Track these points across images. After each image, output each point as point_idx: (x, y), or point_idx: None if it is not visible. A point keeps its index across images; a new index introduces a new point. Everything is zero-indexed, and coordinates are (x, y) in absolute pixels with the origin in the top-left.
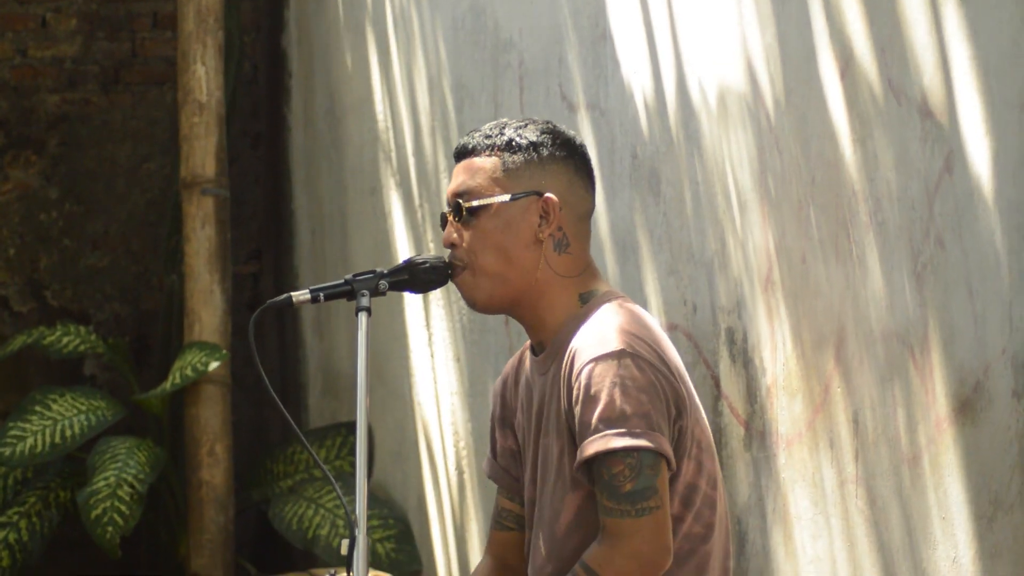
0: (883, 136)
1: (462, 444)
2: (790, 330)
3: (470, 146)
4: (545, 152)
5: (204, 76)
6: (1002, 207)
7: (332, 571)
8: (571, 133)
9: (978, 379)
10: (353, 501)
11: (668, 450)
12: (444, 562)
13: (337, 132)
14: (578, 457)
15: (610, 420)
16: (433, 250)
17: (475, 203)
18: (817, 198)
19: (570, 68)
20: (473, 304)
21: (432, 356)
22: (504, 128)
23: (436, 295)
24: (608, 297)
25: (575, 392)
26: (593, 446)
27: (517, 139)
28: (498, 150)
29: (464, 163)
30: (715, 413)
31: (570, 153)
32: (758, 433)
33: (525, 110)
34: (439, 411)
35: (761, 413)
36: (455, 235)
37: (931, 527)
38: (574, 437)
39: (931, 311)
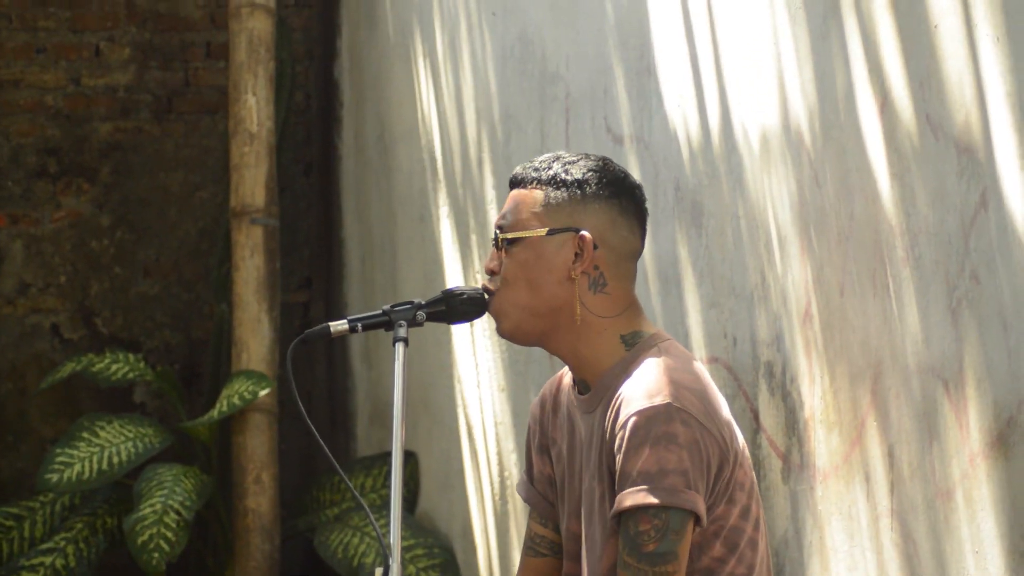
0: (920, 171)
1: (507, 475)
2: (827, 364)
3: (520, 177)
4: (589, 190)
5: (255, 106)
6: None
7: None
8: (623, 172)
9: (1012, 414)
10: (388, 530)
11: (701, 508)
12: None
13: (387, 160)
14: (615, 507)
15: (648, 475)
16: (479, 280)
17: (512, 235)
18: (855, 233)
19: (615, 100)
20: (501, 332)
21: (479, 386)
22: (554, 162)
23: (482, 325)
24: (655, 340)
25: (618, 441)
26: (629, 499)
27: (563, 174)
28: (543, 184)
29: (513, 192)
30: (754, 446)
31: (616, 192)
32: (796, 466)
33: (571, 141)
34: (485, 441)
35: (799, 446)
36: (495, 263)
37: (964, 562)
38: (613, 484)
39: (966, 346)
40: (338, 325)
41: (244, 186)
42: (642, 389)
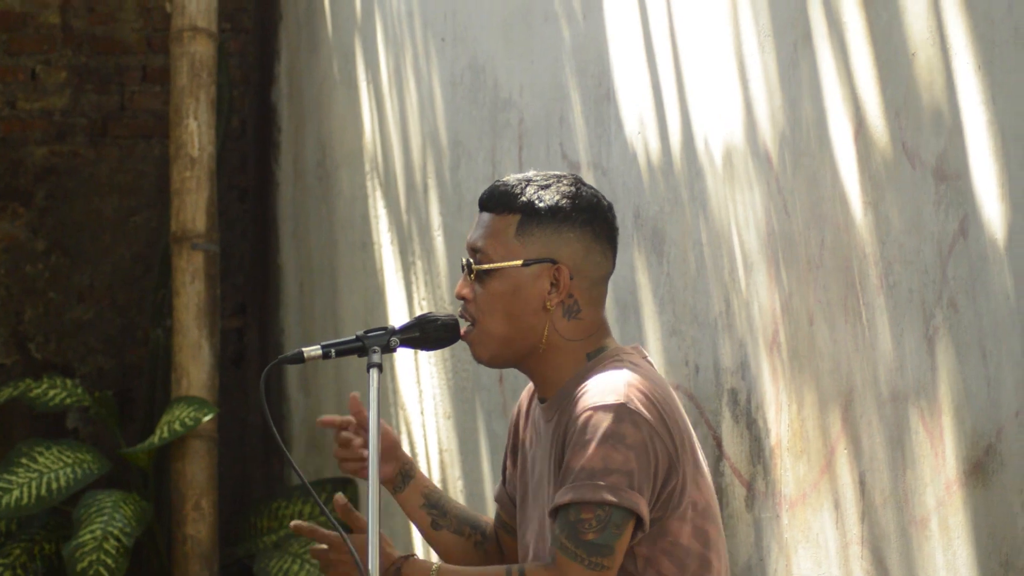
0: (896, 199)
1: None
2: (795, 391)
3: (491, 200)
4: (563, 216)
5: (196, 131)
6: (1017, 270)
7: None
8: (595, 194)
9: (991, 442)
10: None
11: (644, 511)
12: None
13: (328, 186)
14: (555, 500)
15: (593, 471)
16: (425, 308)
17: (487, 266)
18: (826, 260)
19: (572, 127)
20: (479, 359)
21: (422, 413)
22: (527, 187)
23: (429, 352)
24: (618, 352)
25: (570, 436)
26: (571, 494)
27: (536, 202)
28: (516, 211)
29: (484, 217)
30: (717, 473)
31: (591, 217)
32: (761, 494)
33: (524, 168)
34: (429, 468)
35: (764, 474)
36: (467, 290)
37: None
38: None
39: (943, 373)
40: (311, 351)
41: (185, 211)
42: (598, 389)
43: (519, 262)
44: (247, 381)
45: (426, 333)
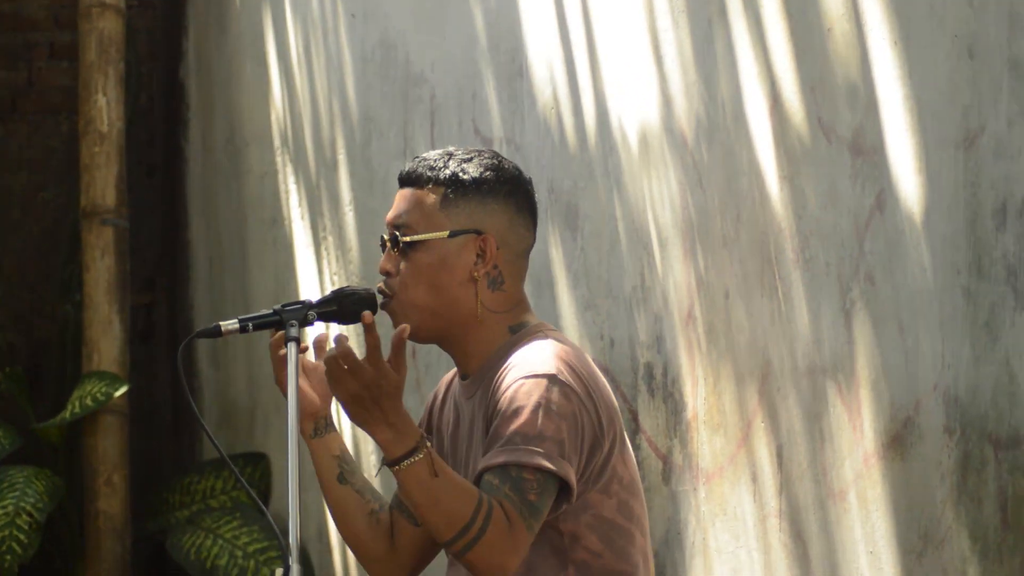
0: (812, 174)
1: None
2: (711, 365)
3: (413, 175)
4: (487, 188)
5: (105, 106)
6: (934, 244)
7: None
8: (516, 168)
9: (908, 414)
10: (285, 532)
11: (572, 480)
12: None
13: (237, 162)
14: (483, 463)
15: (527, 436)
16: (337, 283)
17: (412, 238)
18: (742, 235)
19: (485, 103)
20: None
21: None
22: (449, 160)
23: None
24: (541, 327)
25: (499, 405)
26: (504, 456)
27: (460, 174)
28: (440, 184)
29: (406, 191)
30: (633, 446)
31: (513, 190)
32: (677, 467)
33: (436, 143)
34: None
35: (681, 447)
36: (390, 264)
37: (858, 561)
38: None
39: (860, 347)
40: (228, 324)
41: (95, 187)
42: (527, 361)
43: (445, 233)
44: (157, 357)
45: (344, 307)
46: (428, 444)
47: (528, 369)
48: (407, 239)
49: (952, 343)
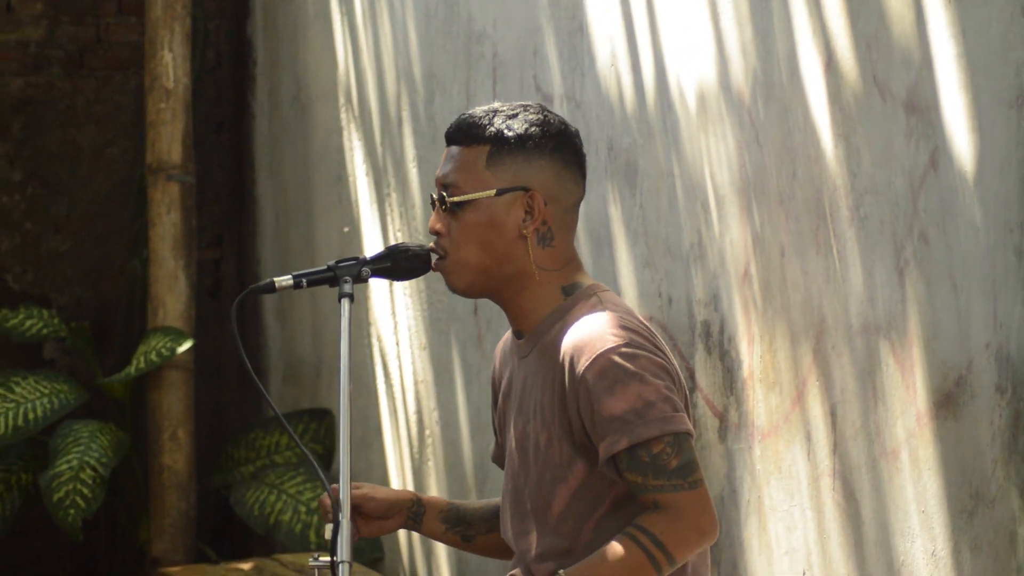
0: (867, 131)
1: (428, 433)
2: (767, 323)
3: (459, 133)
4: (533, 144)
5: (171, 63)
6: (987, 203)
7: (316, 555)
8: (562, 121)
9: (961, 374)
10: (336, 487)
11: (691, 427)
12: (407, 549)
13: (303, 119)
14: (608, 451)
15: (637, 411)
16: (400, 239)
17: (460, 198)
18: (797, 193)
19: (546, 60)
20: (454, 289)
21: (398, 344)
22: (494, 117)
23: (403, 282)
24: (594, 290)
25: (590, 392)
26: (625, 438)
27: (505, 131)
28: (486, 141)
29: (453, 149)
30: (690, 404)
31: (560, 144)
32: (733, 425)
33: (498, 100)
34: (405, 399)
35: (737, 405)
36: (440, 224)
37: (909, 520)
38: (570, 433)
39: (913, 306)
40: (283, 280)
41: (160, 143)
42: (593, 337)
43: (492, 192)
44: (224, 312)
45: (397, 263)
46: None
47: (600, 345)
48: (454, 199)
49: (1004, 302)
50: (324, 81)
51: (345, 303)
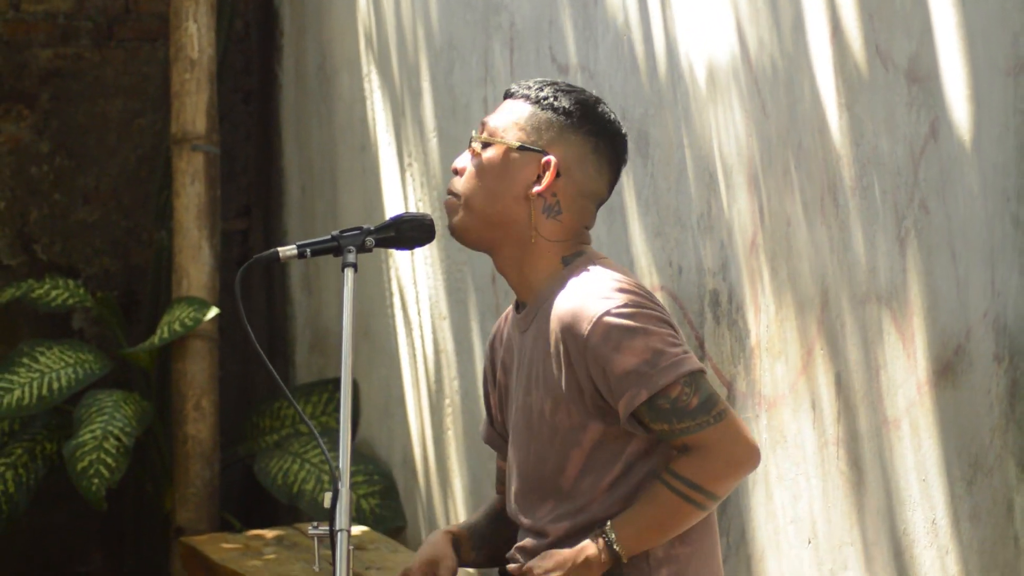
0: (869, 101)
1: (448, 402)
2: (773, 292)
3: (516, 90)
4: (572, 121)
5: (196, 33)
6: (986, 172)
7: (315, 524)
8: (612, 116)
9: (959, 342)
10: (337, 455)
11: (703, 366)
12: (428, 519)
13: (328, 89)
14: (628, 406)
15: (649, 361)
16: (421, 210)
17: (487, 138)
18: (803, 162)
19: (561, 30)
20: (452, 230)
21: (419, 314)
22: (549, 86)
23: (425, 253)
24: (590, 258)
25: (597, 356)
26: (644, 390)
27: (552, 99)
28: (531, 102)
29: (506, 101)
30: None
31: (598, 131)
32: (741, 394)
33: (515, 71)
34: (427, 369)
35: (745, 374)
36: (463, 163)
37: (911, 489)
38: (580, 397)
39: (914, 275)
40: (287, 250)
41: (185, 113)
42: (588, 301)
43: (515, 144)
44: (252, 282)
45: (400, 232)
46: (601, 538)
47: (599, 307)
48: (482, 136)
49: (1001, 270)
50: (348, 50)
51: (348, 273)
